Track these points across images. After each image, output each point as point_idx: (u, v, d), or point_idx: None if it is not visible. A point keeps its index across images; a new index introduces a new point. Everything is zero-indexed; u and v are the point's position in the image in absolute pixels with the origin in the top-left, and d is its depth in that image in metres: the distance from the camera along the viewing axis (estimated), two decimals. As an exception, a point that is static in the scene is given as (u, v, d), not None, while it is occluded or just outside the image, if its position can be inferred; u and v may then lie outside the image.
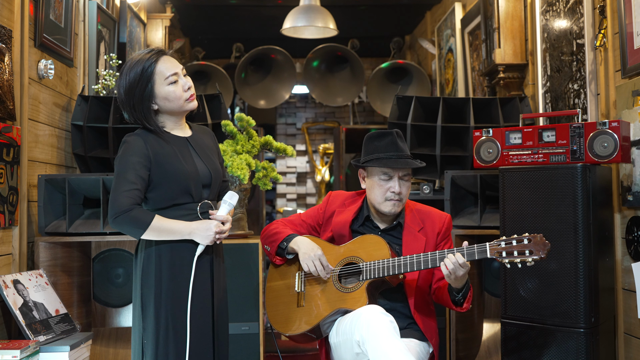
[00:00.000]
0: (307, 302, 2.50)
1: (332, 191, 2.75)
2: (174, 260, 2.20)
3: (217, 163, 2.35)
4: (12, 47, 2.82)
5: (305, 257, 2.47)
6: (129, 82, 2.20)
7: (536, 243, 2.20)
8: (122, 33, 4.23)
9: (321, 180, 7.57)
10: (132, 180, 2.15)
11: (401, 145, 2.51)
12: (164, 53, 2.26)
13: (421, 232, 2.54)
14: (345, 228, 2.57)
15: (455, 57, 5.05)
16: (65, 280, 3.09)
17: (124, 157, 2.19)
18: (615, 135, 2.55)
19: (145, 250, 2.22)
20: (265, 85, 6.62)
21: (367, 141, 2.56)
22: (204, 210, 2.25)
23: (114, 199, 2.14)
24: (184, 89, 2.24)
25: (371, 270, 2.41)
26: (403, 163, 2.47)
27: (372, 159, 2.50)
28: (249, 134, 3.13)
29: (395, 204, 2.51)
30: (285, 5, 5.58)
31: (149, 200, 2.23)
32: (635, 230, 2.67)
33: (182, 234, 2.18)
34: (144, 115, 2.22)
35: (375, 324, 2.22)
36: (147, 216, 2.15)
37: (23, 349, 2.44)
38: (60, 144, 3.41)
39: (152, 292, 2.19)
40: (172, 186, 2.20)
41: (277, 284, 2.60)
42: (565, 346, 2.53)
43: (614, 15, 2.80)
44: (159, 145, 2.22)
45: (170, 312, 2.18)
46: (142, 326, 2.21)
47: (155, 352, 2.17)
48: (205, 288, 2.25)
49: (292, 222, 2.68)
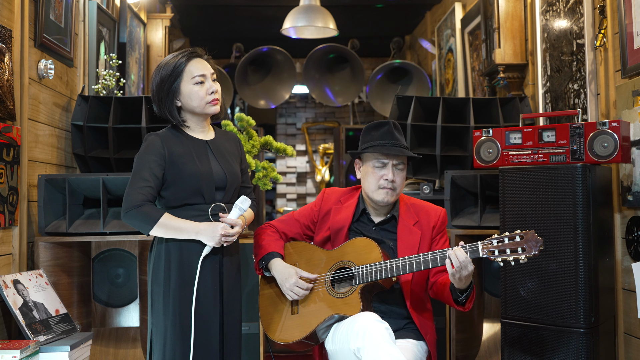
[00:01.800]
0: (300, 309, 2.47)
1: (326, 188, 2.72)
2: (183, 260, 2.26)
3: (235, 167, 2.40)
4: (12, 47, 2.82)
5: (283, 288, 2.47)
6: (161, 76, 2.31)
7: (528, 239, 2.17)
8: (122, 33, 4.23)
9: (321, 180, 7.56)
10: (146, 178, 2.24)
11: (397, 135, 2.50)
12: (197, 55, 2.35)
13: (416, 226, 2.52)
14: (345, 228, 2.54)
15: (455, 57, 5.05)
16: (65, 280, 3.09)
17: (142, 155, 2.29)
18: (615, 135, 2.55)
19: (157, 247, 2.30)
20: (265, 85, 6.62)
21: (365, 132, 2.55)
22: (215, 212, 2.30)
23: (127, 194, 2.24)
24: (208, 92, 2.31)
25: (364, 274, 2.38)
26: (397, 150, 2.46)
27: (367, 146, 2.50)
28: (249, 134, 3.13)
29: (388, 193, 2.48)
30: (285, 5, 5.58)
31: (163, 198, 2.31)
32: (635, 230, 2.67)
33: (189, 233, 2.23)
34: (168, 108, 2.32)
35: (371, 332, 2.19)
36: (156, 213, 2.22)
37: (23, 349, 2.44)
38: (60, 144, 3.41)
39: (161, 289, 2.26)
40: (184, 186, 2.27)
41: (268, 292, 2.57)
42: (565, 346, 2.53)
43: (614, 15, 2.80)
44: (176, 146, 2.30)
45: (178, 310, 2.23)
46: (151, 321, 2.28)
47: (163, 348, 2.23)
48: (214, 288, 2.29)
49: (284, 223, 2.64)
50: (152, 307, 2.29)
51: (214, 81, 2.36)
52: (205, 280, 2.26)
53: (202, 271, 2.25)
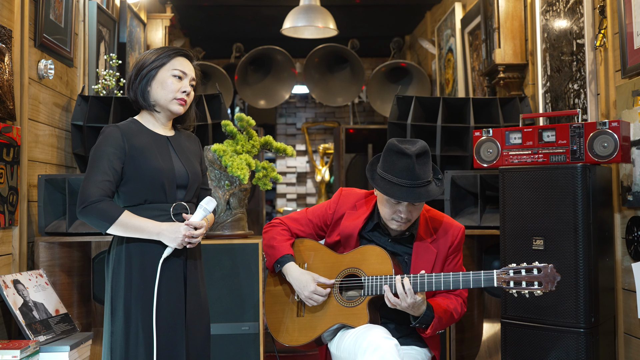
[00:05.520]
0: (307, 313, 2.45)
1: (343, 188, 2.61)
2: (144, 262, 2.15)
3: (197, 166, 2.31)
4: (12, 47, 2.82)
5: (301, 295, 2.43)
6: (145, 59, 2.23)
7: (546, 275, 2.12)
8: (122, 33, 4.23)
9: (321, 180, 7.56)
10: (105, 172, 2.11)
11: (418, 171, 2.29)
12: (190, 57, 2.29)
13: (433, 244, 2.44)
14: (354, 234, 2.47)
15: (455, 57, 5.05)
16: (65, 280, 3.09)
17: (100, 147, 2.16)
18: (615, 135, 2.55)
19: (116, 249, 2.18)
20: (265, 85, 6.62)
21: (387, 152, 2.36)
22: (177, 212, 2.21)
23: (83, 189, 2.10)
24: (180, 89, 2.23)
25: (373, 286, 2.34)
26: (414, 196, 2.29)
27: (385, 179, 2.33)
28: (249, 134, 3.13)
29: (401, 225, 2.39)
30: (285, 5, 5.58)
31: (121, 195, 2.18)
32: (635, 230, 2.67)
33: (150, 233, 2.13)
34: (141, 90, 2.22)
35: (381, 350, 2.15)
36: (115, 210, 2.10)
37: (23, 349, 2.44)
38: (60, 144, 3.41)
39: (122, 293, 2.14)
40: (145, 182, 2.16)
41: (275, 289, 2.55)
42: (565, 346, 2.53)
43: (614, 15, 2.80)
44: (137, 139, 2.19)
45: (140, 315, 2.12)
46: (110, 330, 2.15)
47: (125, 356, 2.11)
48: (177, 291, 2.19)
49: (297, 222, 2.59)
50: (113, 312, 2.15)
51: (192, 87, 2.27)
52: (168, 284, 2.15)
53: (164, 274, 2.14)
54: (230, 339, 2.99)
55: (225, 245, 3.03)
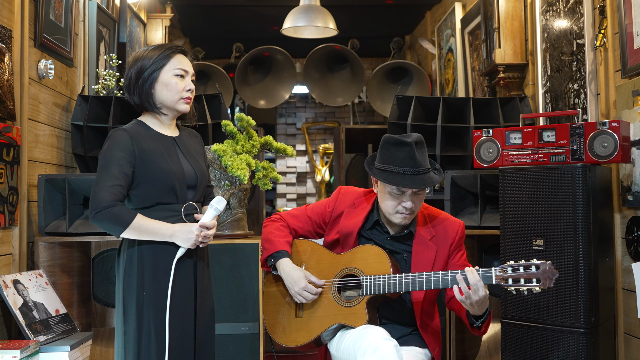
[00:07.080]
0: (305, 313, 2.44)
1: (342, 187, 2.61)
2: (157, 263, 2.16)
3: (203, 165, 2.33)
4: (12, 47, 2.82)
5: (291, 291, 2.43)
6: (144, 62, 2.22)
7: (544, 271, 2.12)
8: (122, 33, 4.23)
9: (321, 180, 7.56)
10: (116, 176, 2.11)
11: (419, 158, 2.32)
12: (185, 52, 2.29)
13: (432, 241, 2.44)
14: (353, 233, 2.47)
15: (455, 57, 5.05)
16: (65, 280, 3.09)
17: (109, 151, 2.16)
18: (615, 135, 2.55)
19: (128, 251, 2.18)
20: (265, 85, 6.62)
21: (385, 145, 2.39)
22: (188, 212, 2.23)
23: (95, 194, 2.10)
24: (185, 88, 2.24)
25: (372, 285, 2.33)
26: (419, 182, 2.31)
27: (387, 170, 2.35)
28: (249, 134, 3.13)
29: (406, 217, 2.39)
30: (285, 5, 5.58)
31: (132, 198, 2.19)
32: (635, 230, 2.67)
33: (163, 235, 2.14)
34: (146, 94, 2.22)
35: (381, 351, 2.14)
36: (128, 214, 2.11)
37: (23, 349, 2.44)
38: (60, 144, 3.41)
39: (134, 294, 2.15)
40: (156, 185, 2.17)
41: (273, 290, 2.54)
42: (565, 346, 2.53)
43: (614, 15, 2.80)
44: (145, 142, 2.19)
45: (152, 315, 2.14)
46: (123, 330, 2.17)
47: (137, 356, 2.13)
48: (188, 291, 2.21)
49: (296, 218, 2.59)
50: (125, 313, 2.16)
51: (193, 81, 2.28)
52: (180, 284, 2.17)
53: (176, 274, 2.15)
54: (230, 339, 2.99)
55: (225, 245, 3.03)
